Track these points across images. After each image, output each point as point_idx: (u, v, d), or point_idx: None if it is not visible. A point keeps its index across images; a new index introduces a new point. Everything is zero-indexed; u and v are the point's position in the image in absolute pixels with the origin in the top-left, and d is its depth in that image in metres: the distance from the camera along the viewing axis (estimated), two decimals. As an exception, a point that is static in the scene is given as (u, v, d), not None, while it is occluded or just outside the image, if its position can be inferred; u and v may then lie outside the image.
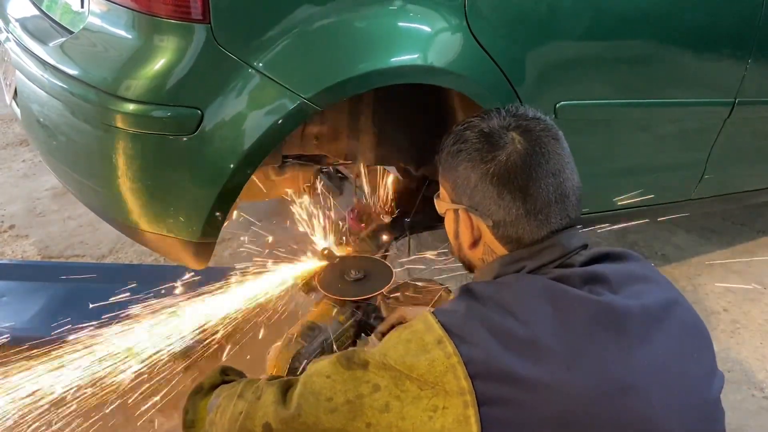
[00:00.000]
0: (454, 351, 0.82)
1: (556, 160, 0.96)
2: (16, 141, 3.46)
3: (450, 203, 1.04)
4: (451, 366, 0.82)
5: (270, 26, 1.29)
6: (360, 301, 1.41)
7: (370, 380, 0.86)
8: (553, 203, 0.95)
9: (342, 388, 0.87)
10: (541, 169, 0.95)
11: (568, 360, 0.82)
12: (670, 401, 0.85)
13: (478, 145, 0.98)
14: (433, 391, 0.82)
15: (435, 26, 1.46)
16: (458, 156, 1.00)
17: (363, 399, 0.85)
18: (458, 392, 0.81)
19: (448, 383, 0.81)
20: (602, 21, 1.69)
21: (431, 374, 0.82)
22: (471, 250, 1.04)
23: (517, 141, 0.96)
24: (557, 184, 0.96)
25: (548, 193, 0.95)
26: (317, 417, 0.87)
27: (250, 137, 1.32)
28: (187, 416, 1.07)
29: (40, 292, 2.12)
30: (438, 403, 0.82)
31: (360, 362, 0.87)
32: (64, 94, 1.39)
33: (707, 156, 2.13)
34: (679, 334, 0.92)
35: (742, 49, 1.96)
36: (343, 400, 0.86)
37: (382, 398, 0.84)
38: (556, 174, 0.96)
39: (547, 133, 0.98)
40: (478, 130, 0.99)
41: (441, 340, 0.84)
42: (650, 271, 1.00)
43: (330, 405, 0.86)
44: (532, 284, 0.91)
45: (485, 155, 0.96)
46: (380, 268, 1.51)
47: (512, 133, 0.97)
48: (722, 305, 2.45)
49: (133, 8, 1.27)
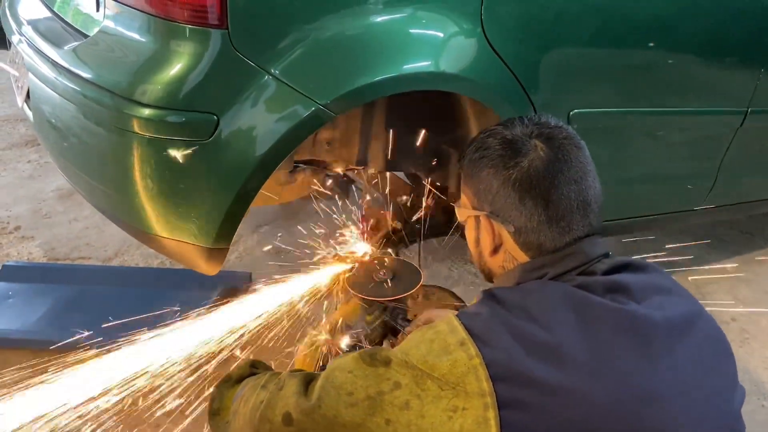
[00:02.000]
0: (476, 353, 0.83)
1: (578, 167, 0.97)
2: (21, 142, 3.45)
3: (471, 210, 1.04)
4: (472, 367, 0.82)
5: (286, 33, 1.29)
6: (388, 302, 1.41)
7: (391, 377, 0.86)
8: (574, 210, 0.96)
9: (363, 384, 0.87)
10: (563, 177, 0.95)
11: (591, 367, 0.82)
12: (691, 414, 0.85)
13: (500, 152, 0.98)
14: (454, 391, 0.82)
15: (450, 33, 1.46)
16: (480, 162, 1.00)
17: (383, 396, 0.85)
18: (479, 394, 0.80)
19: (469, 384, 0.81)
20: (616, 29, 1.69)
21: (453, 375, 0.82)
22: (492, 257, 1.04)
23: (539, 148, 0.97)
24: (579, 191, 0.96)
25: (570, 200, 0.96)
26: (337, 410, 0.87)
27: (265, 143, 1.31)
28: (213, 405, 1.08)
29: (46, 293, 2.11)
30: (458, 404, 0.81)
31: (382, 359, 0.88)
32: (78, 98, 1.38)
33: (719, 165, 2.12)
34: (701, 347, 0.92)
35: (755, 58, 1.96)
36: (364, 395, 0.86)
37: (403, 396, 0.84)
38: (578, 181, 0.96)
39: (570, 141, 0.99)
40: (500, 137, 1.00)
41: (464, 342, 0.84)
42: (672, 284, 1.00)
43: (350, 399, 0.86)
44: (556, 291, 0.91)
45: (508, 162, 0.97)
46: (409, 270, 1.51)
47: (535, 140, 0.98)
48: (731, 315, 2.44)
49: (150, 12, 1.27)
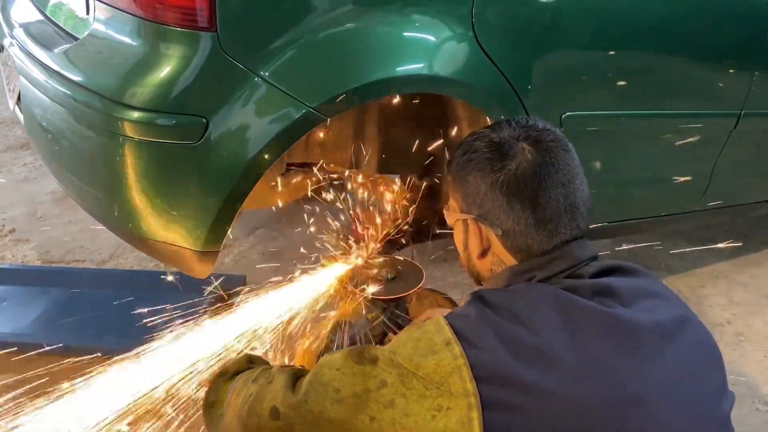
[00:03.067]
0: (461, 353, 0.83)
1: (566, 170, 0.97)
2: (17, 145, 3.44)
3: (459, 213, 1.04)
4: (457, 367, 0.82)
5: (276, 35, 1.29)
6: (390, 301, 1.41)
7: (378, 375, 0.86)
8: (562, 213, 0.96)
9: (350, 381, 0.87)
10: (550, 179, 0.95)
11: (577, 370, 0.82)
12: (680, 418, 0.85)
13: (488, 155, 0.98)
14: (438, 391, 0.82)
15: (441, 36, 1.46)
16: (468, 166, 1.00)
17: (369, 393, 0.85)
18: (463, 394, 0.81)
19: (453, 384, 0.81)
20: (608, 32, 1.69)
21: (437, 374, 0.83)
22: (480, 260, 1.04)
23: (527, 151, 0.97)
24: (567, 194, 0.96)
25: (558, 203, 0.95)
26: (323, 406, 0.87)
27: (255, 146, 1.31)
28: (209, 397, 1.09)
29: (41, 297, 2.11)
30: (442, 404, 0.82)
31: (370, 358, 0.88)
32: (68, 100, 1.38)
33: (712, 167, 2.12)
34: (690, 351, 0.91)
35: (749, 61, 1.96)
36: (350, 392, 0.86)
37: (388, 394, 0.85)
38: (566, 184, 0.96)
39: (557, 144, 0.99)
40: (488, 140, 1.00)
41: (449, 342, 0.85)
42: (661, 288, 0.99)
43: (337, 396, 0.87)
44: (544, 293, 0.91)
45: (495, 164, 0.97)
46: (411, 269, 1.51)
47: (522, 143, 0.98)
48: (726, 317, 2.43)
49: (139, 15, 1.27)
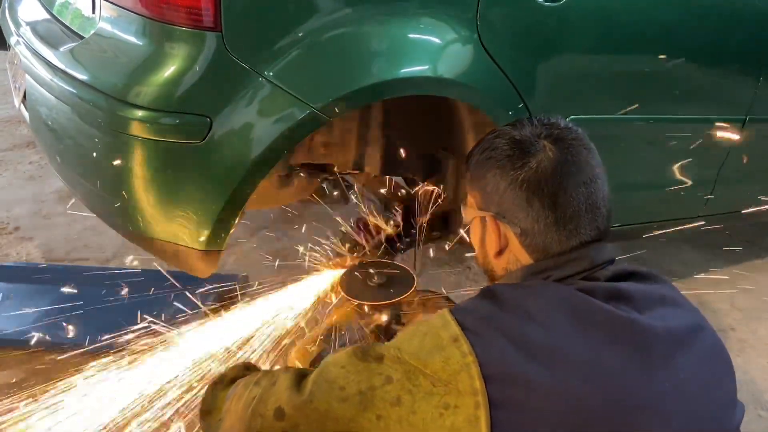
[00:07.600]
0: (469, 350, 0.81)
1: (588, 170, 0.95)
2: (23, 143, 3.46)
3: (477, 211, 1.02)
4: (465, 365, 0.81)
5: (281, 35, 1.29)
6: (382, 307, 1.41)
7: (383, 372, 0.85)
8: (583, 213, 0.94)
9: (355, 379, 0.86)
10: (572, 179, 0.93)
11: (586, 371, 0.81)
12: (690, 427, 0.84)
13: (509, 152, 0.96)
14: (446, 388, 0.81)
15: (446, 38, 1.45)
16: (488, 163, 0.98)
17: (375, 391, 0.84)
18: (471, 392, 0.80)
19: (461, 382, 0.80)
20: (613, 36, 1.68)
21: (445, 372, 0.81)
22: (496, 258, 1.02)
23: (548, 149, 0.95)
24: (588, 194, 0.94)
25: (578, 202, 0.93)
26: (329, 404, 0.86)
27: (258, 146, 1.31)
28: (205, 404, 1.07)
29: (45, 294, 2.12)
30: (450, 401, 0.80)
31: (375, 355, 0.87)
32: (73, 99, 1.38)
33: (717, 172, 2.11)
34: (702, 360, 0.90)
35: (754, 66, 1.95)
36: (356, 390, 0.85)
37: (394, 391, 0.83)
38: (587, 184, 0.94)
39: (579, 143, 0.96)
40: (509, 137, 0.98)
41: (457, 339, 0.83)
42: (677, 295, 0.97)
43: (342, 394, 0.86)
44: (557, 292, 0.89)
45: (516, 162, 0.95)
46: (403, 274, 1.51)
47: (544, 141, 0.96)
48: (729, 323, 2.43)
49: (145, 15, 1.27)
